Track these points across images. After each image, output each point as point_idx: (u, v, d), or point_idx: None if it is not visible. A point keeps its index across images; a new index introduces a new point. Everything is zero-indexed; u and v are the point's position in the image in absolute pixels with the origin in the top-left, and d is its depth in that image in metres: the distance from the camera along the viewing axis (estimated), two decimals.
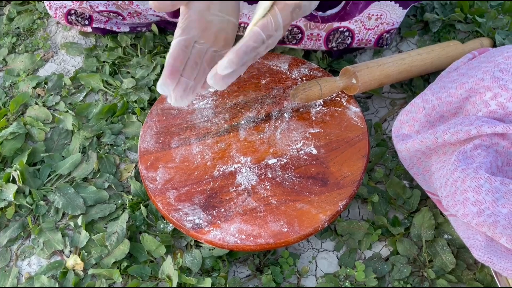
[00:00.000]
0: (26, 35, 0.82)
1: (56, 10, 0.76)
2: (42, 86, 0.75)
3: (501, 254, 0.46)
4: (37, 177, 0.65)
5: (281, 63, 0.67)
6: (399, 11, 0.67)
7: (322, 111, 0.62)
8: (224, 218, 0.53)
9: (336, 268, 0.57)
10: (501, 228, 0.45)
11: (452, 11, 0.76)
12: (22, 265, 0.59)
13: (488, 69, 0.52)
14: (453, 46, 0.67)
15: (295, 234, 0.52)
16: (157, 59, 0.74)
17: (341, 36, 0.69)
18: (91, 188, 0.63)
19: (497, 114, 0.50)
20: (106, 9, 0.71)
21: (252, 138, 0.60)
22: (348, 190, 0.55)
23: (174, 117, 0.62)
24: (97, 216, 0.61)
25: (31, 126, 0.70)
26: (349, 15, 0.59)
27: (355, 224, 0.58)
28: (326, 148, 0.58)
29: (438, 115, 0.55)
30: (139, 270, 0.57)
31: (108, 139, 0.68)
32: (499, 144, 0.50)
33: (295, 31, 0.68)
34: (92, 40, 0.80)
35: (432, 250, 0.56)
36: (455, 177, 0.48)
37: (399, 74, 0.64)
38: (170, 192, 0.56)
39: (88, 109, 0.71)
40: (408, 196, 0.60)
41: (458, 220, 0.53)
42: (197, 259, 0.56)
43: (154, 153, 0.59)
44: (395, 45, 0.76)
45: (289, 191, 0.55)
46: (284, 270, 0.56)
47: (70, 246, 0.59)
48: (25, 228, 0.62)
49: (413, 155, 0.56)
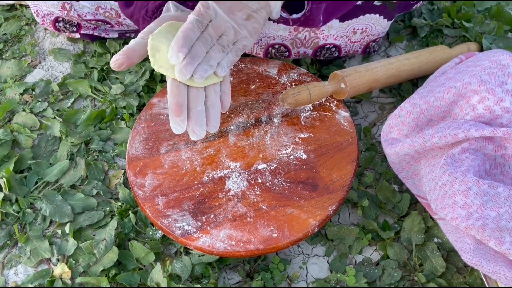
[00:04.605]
0: (13, 41, 0.82)
1: (44, 18, 0.75)
2: (30, 93, 0.74)
3: (490, 257, 0.46)
4: (24, 185, 0.64)
5: (270, 68, 0.67)
6: (384, 22, 0.67)
7: (312, 116, 0.62)
8: (214, 224, 0.53)
9: (327, 273, 0.57)
10: (490, 231, 0.45)
11: (440, 16, 0.77)
12: (9, 274, 0.58)
13: (475, 73, 0.52)
14: (441, 50, 0.68)
15: (285, 240, 0.52)
16: (145, 65, 0.74)
17: (328, 52, 0.69)
18: (79, 195, 0.62)
19: (484, 118, 0.50)
20: (94, 17, 0.71)
21: (242, 143, 0.60)
22: (338, 195, 0.55)
23: (163, 123, 0.62)
24: (85, 223, 0.60)
25: (18, 133, 0.69)
26: (313, 21, 0.59)
27: (345, 228, 0.58)
28: (316, 152, 0.58)
29: (427, 119, 0.55)
30: (127, 277, 0.56)
31: (97, 145, 0.67)
32: (487, 148, 0.50)
33: (282, 49, 0.69)
34: (81, 46, 0.79)
35: (422, 254, 0.56)
36: (443, 181, 0.49)
37: (388, 79, 0.64)
38: (159, 199, 0.55)
39: (76, 116, 0.70)
40: (398, 200, 0.60)
41: (447, 223, 0.53)
42: (187, 266, 0.56)
43: (143, 159, 0.59)
44: (384, 50, 0.76)
45: (279, 196, 0.55)
46: (275, 276, 0.56)
47: (57, 254, 0.59)
48: (11, 237, 0.61)
49: (402, 159, 0.56)
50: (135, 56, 0.52)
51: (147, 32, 0.53)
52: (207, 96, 0.50)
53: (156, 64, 0.49)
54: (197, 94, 0.49)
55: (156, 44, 0.49)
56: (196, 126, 0.49)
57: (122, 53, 0.51)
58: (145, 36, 0.52)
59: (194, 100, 0.49)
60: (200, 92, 0.50)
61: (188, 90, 0.49)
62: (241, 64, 0.68)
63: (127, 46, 0.52)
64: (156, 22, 0.54)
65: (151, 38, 0.50)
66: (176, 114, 0.48)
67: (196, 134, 0.49)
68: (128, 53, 0.51)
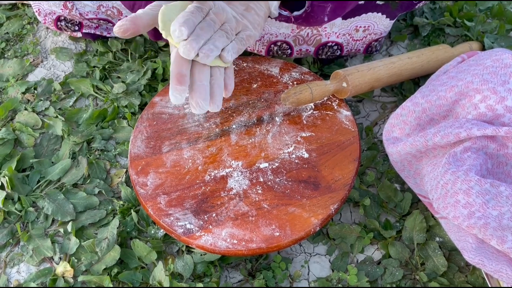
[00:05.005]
0: (15, 40, 0.82)
1: (46, 17, 0.75)
2: (32, 92, 0.74)
3: (492, 256, 0.46)
4: (26, 183, 0.64)
5: (272, 67, 0.67)
6: (387, 22, 0.67)
7: (313, 115, 0.62)
8: (216, 223, 0.53)
9: (328, 272, 0.57)
10: (492, 230, 0.45)
11: (442, 15, 0.77)
12: (11, 272, 0.59)
13: (477, 72, 0.52)
14: (443, 49, 0.68)
15: (287, 238, 0.52)
16: (147, 64, 0.74)
17: (330, 50, 0.69)
18: (81, 194, 0.62)
19: (486, 117, 0.50)
20: (96, 16, 0.71)
21: (244, 142, 0.60)
22: (340, 194, 0.55)
23: (165, 122, 0.62)
24: (87, 222, 0.61)
25: (20, 131, 0.69)
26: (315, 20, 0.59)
27: (347, 227, 0.58)
28: (318, 151, 0.58)
29: (428, 118, 0.55)
30: (130, 276, 0.56)
31: (99, 144, 0.67)
32: (489, 147, 0.50)
33: (284, 46, 0.68)
34: (82, 45, 0.79)
35: (424, 253, 0.56)
36: (445, 180, 0.49)
37: (390, 78, 0.64)
38: (161, 197, 0.55)
39: (78, 115, 0.71)
40: (399, 199, 0.60)
41: (449, 222, 0.53)
42: (189, 265, 0.56)
43: (145, 158, 0.59)
44: (385, 49, 0.76)
45: (281, 195, 0.55)
46: (277, 275, 0.56)
47: (59, 253, 0.59)
48: (14, 235, 0.61)
49: (404, 158, 0.56)
50: (142, 24, 0.50)
51: (156, 5, 0.51)
52: (212, 75, 0.50)
53: (165, 30, 0.48)
54: (202, 69, 0.49)
55: (168, 12, 0.49)
56: (200, 98, 0.48)
57: (129, 19, 0.49)
58: (154, 8, 0.51)
59: (199, 74, 0.48)
60: (206, 68, 0.49)
61: (193, 65, 0.48)
62: (243, 63, 0.68)
63: (134, 14, 0.50)
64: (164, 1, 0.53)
65: (165, 6, 0.49)
66: (177, 82, 0.47)
67: (199, 106, 0.48)
68: (135, 20, 0.50)
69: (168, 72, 0.73)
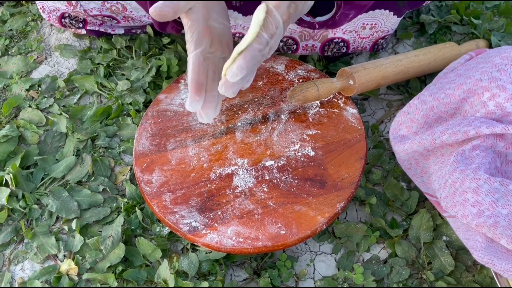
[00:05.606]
0: (19, 37, 0.82)
1: (50, 14, 0.75)
2: (36, 89, 0.74)
3: (502, 255, 0.45)
4: (30, 181, 0.64)
5: (278, 64, 0.67)
6: (394, 19, 0.67)
7: (319, 113, 0.61)
8: (221, 221, 0.53)
9: (334, 271, 0.57)
10: (501, 229, 0.44)
11: (448, 13, 0.77)
12: (15, 270, 0.58)
13: (486, 69, 0.52)
14: (449, 47, 0.67)
15: (293, 237, 0.51)
16: (152, 61, 0.74)
17: (336, 46, 0.69)
18: (85, 192, 0.62)
19: (495, 115, 0.50)
20: (100, 13, 0.71)
21: (249, 140, 0.59)
22: (346, 192, 0.54)
23: (169, 119, 0.62)
24: (92, 219, 0.60)
25: (24, 129, 0.69)
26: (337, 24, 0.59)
27: (353, 226, 0.58)
28: (324, 149, 0.58)
29: (436, 116, 0.55)
30: (134, 274, 0.56)
31: (103, 141, 0.67)
32: (498, 145, 0.50)
33: (290, 42, 0.68)
34: (87, 42, 0.79)
35: (431, 252, 0.56)
36: (454, 178, 0.48)
37: (396, 75, 0.64)
38: (166, 195, 0.55)
39: (82, 112, 0.70)
40: (406, 198, 0.60)
41: (457, 221, 0.52)
42: (194, 263, 0.55)
43: (150, 156, 0.58)
44: (391, 47, 0.76)
45: (287, 193, 0.54)
46: (282, 273, 0.55)
47: (64, 251, 0.58)
48: (18, 233, 0.60)
49: (411, 157, 0.56)
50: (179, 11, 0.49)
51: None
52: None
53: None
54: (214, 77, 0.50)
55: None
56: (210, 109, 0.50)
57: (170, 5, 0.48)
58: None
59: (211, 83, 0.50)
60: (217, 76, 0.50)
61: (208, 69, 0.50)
62: None
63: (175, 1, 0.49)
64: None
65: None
66: (196, 91, 0.49)
67: (208, 117, 0.51)
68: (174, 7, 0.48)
69: (173, 69, 0.72)
